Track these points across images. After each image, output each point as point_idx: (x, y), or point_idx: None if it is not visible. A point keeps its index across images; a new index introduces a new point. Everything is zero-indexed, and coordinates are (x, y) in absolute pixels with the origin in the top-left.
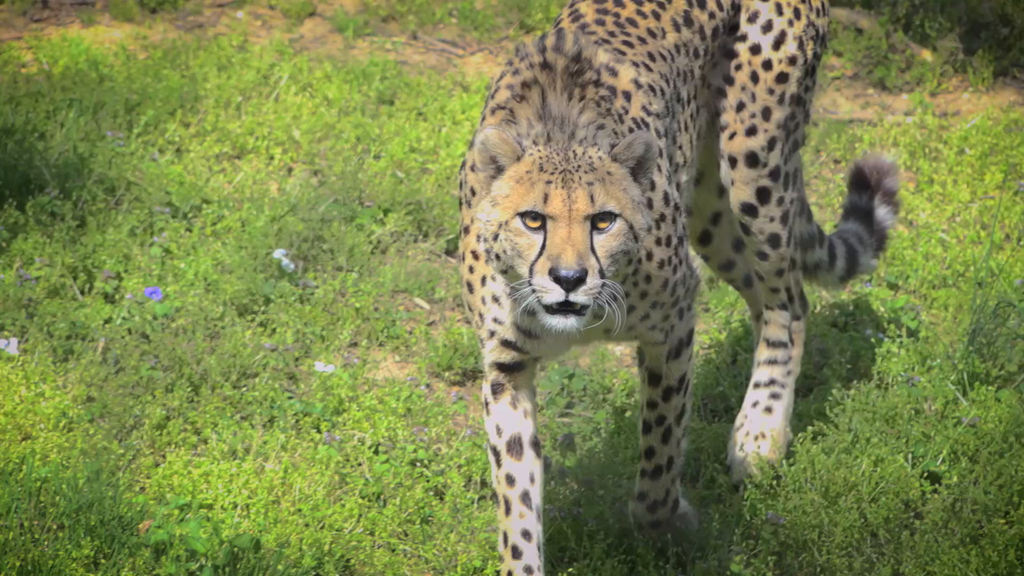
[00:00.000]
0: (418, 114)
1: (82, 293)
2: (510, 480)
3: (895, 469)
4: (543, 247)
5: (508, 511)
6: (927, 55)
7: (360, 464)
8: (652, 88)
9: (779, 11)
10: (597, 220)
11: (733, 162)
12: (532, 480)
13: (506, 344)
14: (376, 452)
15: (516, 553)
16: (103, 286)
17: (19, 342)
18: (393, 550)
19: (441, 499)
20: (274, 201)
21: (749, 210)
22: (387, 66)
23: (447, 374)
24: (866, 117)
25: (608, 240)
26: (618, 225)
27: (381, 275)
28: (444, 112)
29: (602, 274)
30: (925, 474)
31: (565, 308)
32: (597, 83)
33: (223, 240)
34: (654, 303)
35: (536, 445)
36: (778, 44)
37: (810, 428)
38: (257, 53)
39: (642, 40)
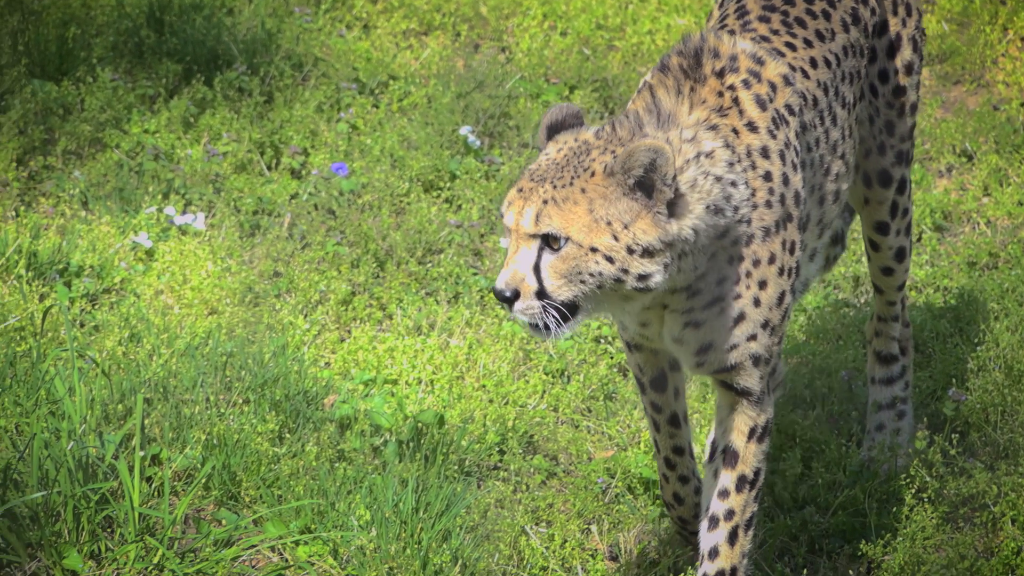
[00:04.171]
0: None
1: (269, 168)
2: (656, 408)
3: None
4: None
5: (657, 429)
6: None
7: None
8: (804, 96)
9: (894, 9)
10: (550, 239)
11: (868, 181)
12: (677, 396)
13: None
14: None
15: (670, 465)
16: (290, 161)
17: (206, 217)
18: (576, 426)
19: (624, 376)
20: (460, 77)
21: (882, 228)
22: None
23: None
24: None
25: (558, 262)
26: (568, 248)
27: None
28: None
29: (542, 295)
30: None
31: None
32: (722, 73)
33: (409, 116)
34: (765, 321)
35: (674, 367)
36: (893, 51)
37: (993, 306)
38: None
39: (808, 43)
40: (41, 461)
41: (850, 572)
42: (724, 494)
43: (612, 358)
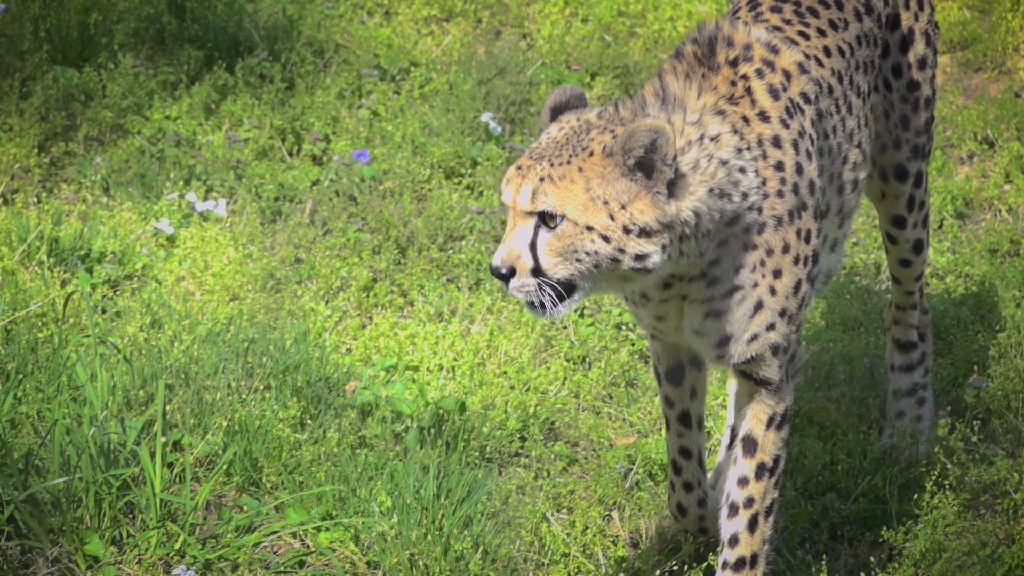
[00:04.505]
0: None
1: (290, 155)
2: (668, 402)
3: None
4: None
5: (668, 428)
6: None
7: (565, 327)
8: (820, 84)
9: (906, 3)
10: (546, 217)
11: (884, 176)
12: (693, 395)
13: None
14: (581, 315)
15: (676, 469)
16: (311, 148)
17: (228, 203)
18: (597, 413)
19: (645, 362)
20: (481, 64)
21: (899, 222)
22: None
23: None
24: None
25: (554, 240)
26: (564, 226)
27: None
28: None
29: (537, 272)
30: None
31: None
32: (735, 62)
33: (431, 103)
34: (783, 310)
35: (695, 363)
36: (906, 46)
37: (1015, 293)
38: None
39: (821, 32)
40: (63, 447)
41: (871, 559)
42: (743, 482)
43: (633, 345)
